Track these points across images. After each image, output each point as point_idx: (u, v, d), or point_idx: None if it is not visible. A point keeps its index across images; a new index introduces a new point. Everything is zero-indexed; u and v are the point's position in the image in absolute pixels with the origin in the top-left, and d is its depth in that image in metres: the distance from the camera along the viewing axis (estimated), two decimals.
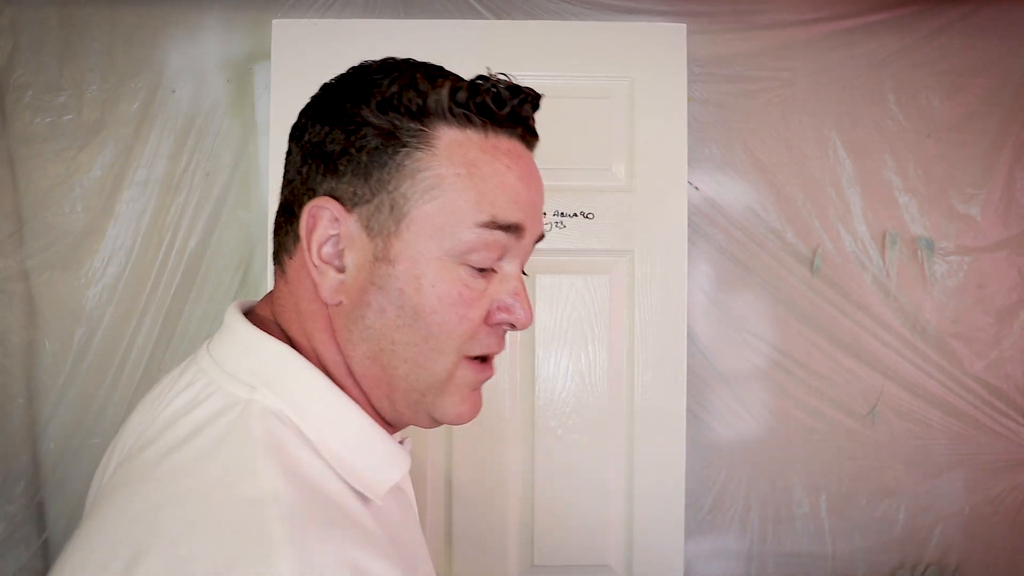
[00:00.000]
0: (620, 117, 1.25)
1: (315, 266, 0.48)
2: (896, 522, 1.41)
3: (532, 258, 1.40)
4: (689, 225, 1.36)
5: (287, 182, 0.52)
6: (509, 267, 0.52)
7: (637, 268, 1.24)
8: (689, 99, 1.35)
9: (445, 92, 0.48)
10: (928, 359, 1.39)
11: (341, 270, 0.49)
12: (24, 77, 1.31)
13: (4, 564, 1.32)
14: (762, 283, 1.39)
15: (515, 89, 0.51)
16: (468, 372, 0.51)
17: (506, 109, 0.50)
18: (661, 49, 1.24)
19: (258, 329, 0.50)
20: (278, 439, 0.44)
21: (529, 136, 0.53)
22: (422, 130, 0.48)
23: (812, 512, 1.40)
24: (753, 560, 1.41)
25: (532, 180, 0.52)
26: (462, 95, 0.49)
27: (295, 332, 0.51)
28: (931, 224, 1.39)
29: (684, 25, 1.25)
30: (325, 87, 0.53)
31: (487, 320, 0.51)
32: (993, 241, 1.40)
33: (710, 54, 1.36)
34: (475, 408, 0.54)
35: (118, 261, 1.33)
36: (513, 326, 0.52)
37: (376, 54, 0.52)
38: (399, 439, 0.56)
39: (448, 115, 0.48)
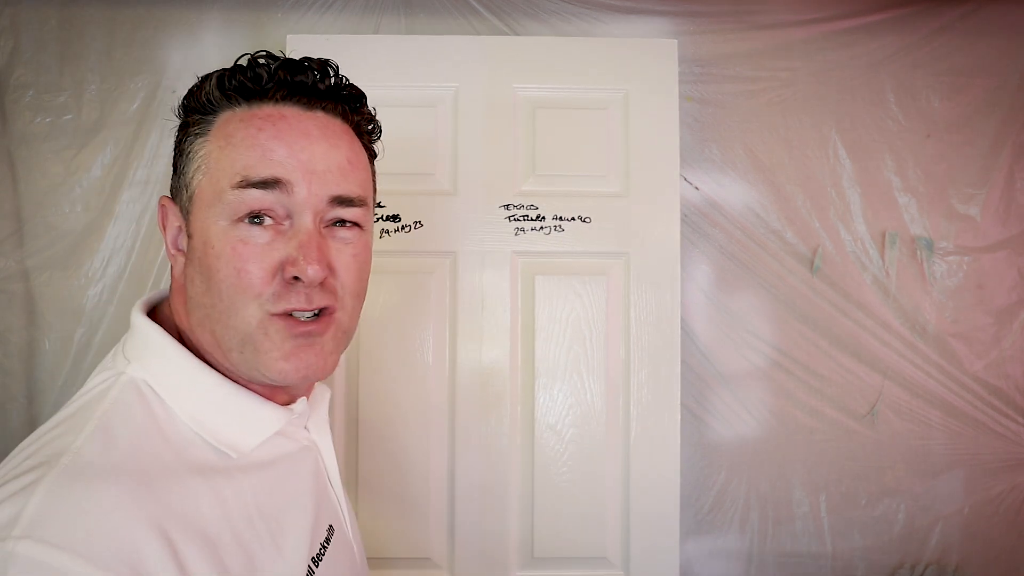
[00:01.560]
0: (616, 127, 1.30)
1: (171, 255, 0.58)
2: (896, 522, 1.41)
3: (531, 260, 1.41)
4: (689, 225, 1.36)
5: None
6: (299, 221, 0.55)
7: (632, 270, 1.28)
8: (689, 99, 1.36)
9: (212, 82, 0.55)
10: (928, 359, 1.39)
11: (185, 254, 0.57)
12: (24, 77, 1.32)
13: None
14: (762, 283, 1.39)
15: (289, 64, 0.56)
16: (279, 327, 0.55)
17: (266, 81, 0.55)
18: (654, 64, 1.30)
19: (141, 313, 0.58)
20: (125, 406, 0.52)
21: (316, 100, 0.57)
22: (205, 118, 0.56)
23: (812, 512, 1.41)
24: (753, 560, 1.41)
25: (298, 138, 0.55)
26: (227, 81, 0.55)
27: (176, 315, 0.60)
28: (931, 224, 1.39)
29: (675, 41, 1.31)
30: None
31: (283, 275, 0.54)
32: (993, 241, 1.40)
33: (710, 54, 1.36)
34: (302, 366, 0.56)
35: (118, 261, 1.33)
36: (298, 279, 0.54)
37: (384, 67, 0.56)
38: (285, 400, 0.62)
39: (225, 101, 0.55)
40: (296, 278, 0.54)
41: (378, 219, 1.26)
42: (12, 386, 1.34)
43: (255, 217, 0.54)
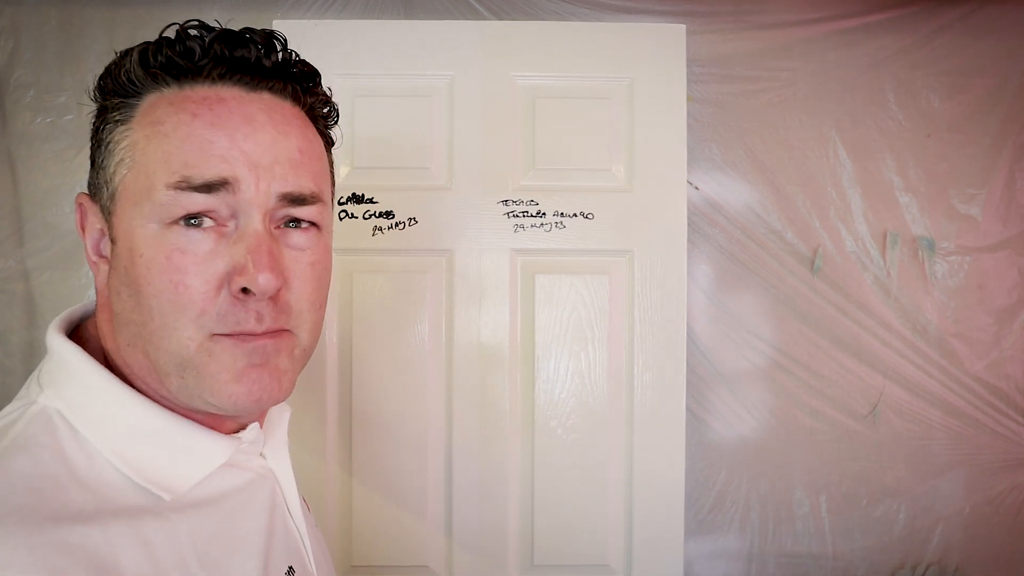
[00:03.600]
0: (620, 118, 1.25)
1: (93, 263, 0.48)
2: (896, 522, 1.41)
3: (531, 258, 1.39)
4: (689, 225, 1.36)
5: None
6: (246, 222, 0.47)
7: (637, 268, 1.25)
8: (689, 99, 1.35)
9: (134, 59, 0.46)
10: (928, 359, 1.39)
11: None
12: (24, 77, 1.32)
13: None
14: (762, 283, 1.39)
15: (227, 36, 0.48)
16: (225, 345, 0.46)
17: (200, 57, 0.46)
18: (660, 50, 1.24)
19: (57, 332, 0.49)
20: (29, 442, 0.44)
21: (260, 79, 0.48)
22: (124, 102, 0.47)
23: (812, 512, 1.40)
24: (753, 560, 1.41)
25: (240, 124, 0.47)
26: (151, 57, 0.46)
27: (101, 334, 0.51)
28: (932, 224, 1.39)
29: (683, 26, 1.24)
30: None
31: (230, 288, 0.46)
32: (993, 241, 1.40)
33: (710, 54, 1.36)
34: (256, 389, 0.47)
35: None
36: (247, 290, 0.46)
37: (376, 55, 0.52)
38: (233, 428, 0.54)
39: (151, 81, 0.47)
40: (244, 290, 0.46)
41: (371, 216, 1.23)
42: (13, 386, 1.34)
43: (192, 218, 0.46)
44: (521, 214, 1.24)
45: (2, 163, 1.33)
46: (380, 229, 1.23)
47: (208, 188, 0.45)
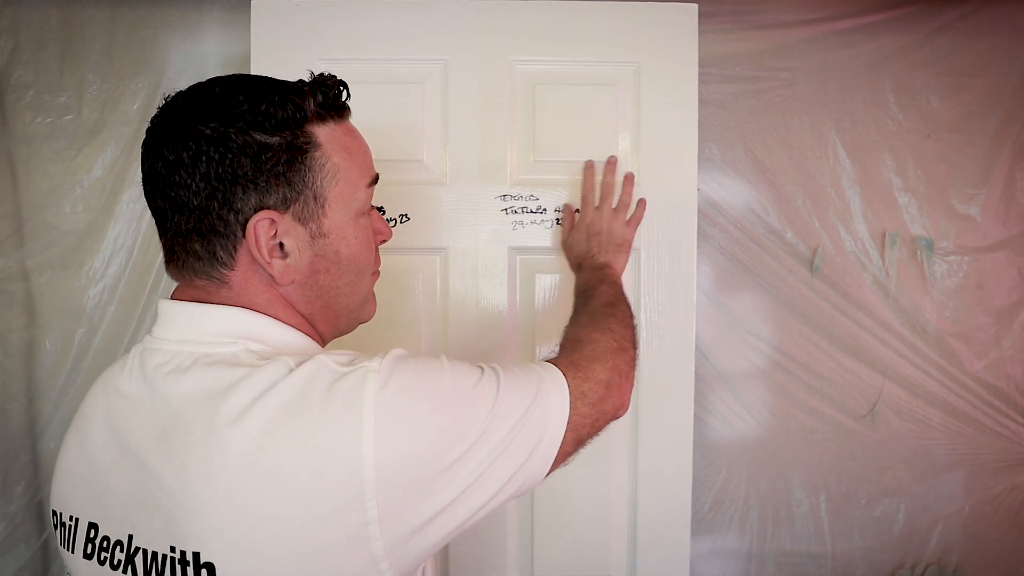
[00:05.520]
0: (626, 106, 1.18)
1: (268, 263, 0.62)
2: (896, 522, 1.41)
3: (531, 257, 1.37)
4: None
5: (192, 210, 0.60)
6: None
7: (643, 267, 1.19)
8: None
9: (312, 103, 0.63)
10: (928, 359, 1.39)
11: (284, 257, 0.63)
12: (24, 77, 1.31)
13: (4, 564, 1.33)
14: (762, 283, 1.39)
15: (339, 83, 0.67)
16: (371, 282, 0.74)
17: (341, 104, 0.67)
18: (670, 32, 1.16)
19: (239, 308, 0.63)
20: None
21: (347, 112, 0.70)
22: (306, 133, 0.63)
23: (812, 512, 1.41)
24: (753, 560, 1.41)
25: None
26: (321, 101, 0.64)
27: (278, 306, 0.66)
28: (931, 224, 1.39)
29: (695, 6, 1.16)
30: (185, 123, 0.60)
31: (374, 243, 0.72)
32: (993, 241, 1.40)
33: (710, 54, 1.36)
34: (376, 305, 0.76)
35: (118, 261, 1.33)
36: (384, 240, 0.75)
37: (364, 38, 0.52)
38: None
39: (315, 118, 0.63)
40: (383, 241, 0.75)
41: None
42: (12, 385, 1.34)
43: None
44: (520, 210, 1.19)
45: (2, 163, 1.33)
46: None
47: (375, 181, 0.70)
